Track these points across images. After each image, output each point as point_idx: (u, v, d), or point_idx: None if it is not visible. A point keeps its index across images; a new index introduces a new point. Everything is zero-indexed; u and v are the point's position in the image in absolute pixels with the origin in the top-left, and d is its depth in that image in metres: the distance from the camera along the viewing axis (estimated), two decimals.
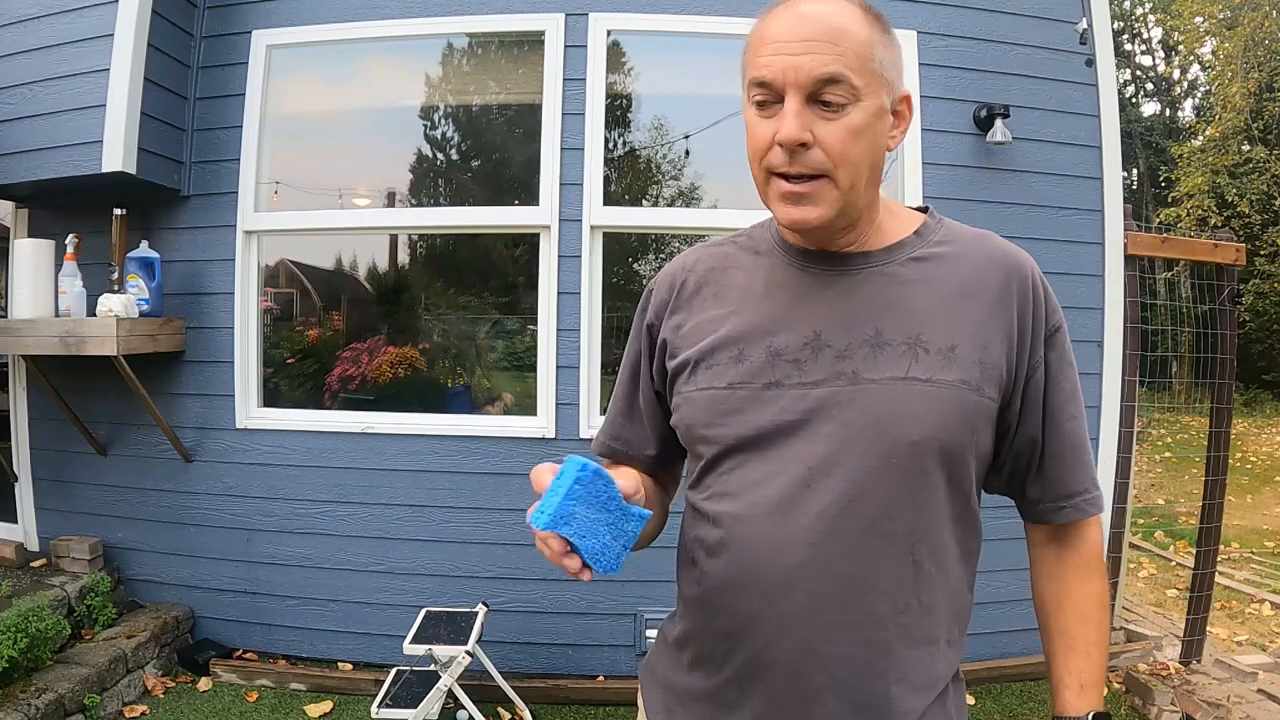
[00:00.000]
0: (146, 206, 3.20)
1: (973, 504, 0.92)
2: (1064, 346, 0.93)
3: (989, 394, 0.88)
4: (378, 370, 3.46)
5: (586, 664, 3.08)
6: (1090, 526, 0.97)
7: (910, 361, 0.86)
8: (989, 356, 0.88)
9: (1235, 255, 3.37)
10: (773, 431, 0.88)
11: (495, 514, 3.08)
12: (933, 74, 3.16)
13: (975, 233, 0.97)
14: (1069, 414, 0.93)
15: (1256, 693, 2.94)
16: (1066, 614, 0.96)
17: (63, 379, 3.25)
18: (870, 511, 0.85)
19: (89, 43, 2.92)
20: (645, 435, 1.06)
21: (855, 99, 0.82)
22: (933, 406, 0.85)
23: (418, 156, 3.69)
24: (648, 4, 3.12)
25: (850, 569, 0.85)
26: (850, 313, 0.90)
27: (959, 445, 0.87)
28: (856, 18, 0.84)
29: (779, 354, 0.90)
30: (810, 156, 0.83)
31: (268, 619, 3.21)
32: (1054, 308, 0.94)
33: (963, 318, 0.89)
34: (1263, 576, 4.78)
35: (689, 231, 3.47)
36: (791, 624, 0.86)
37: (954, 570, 0.91)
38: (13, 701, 2.39)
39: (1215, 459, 3.34)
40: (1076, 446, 0.94)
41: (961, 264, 0.92)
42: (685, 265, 1.04)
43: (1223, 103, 12.92)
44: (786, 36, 0.83)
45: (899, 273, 0.91)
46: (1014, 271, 0.92)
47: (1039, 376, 0.91)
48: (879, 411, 0.85)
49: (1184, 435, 7.85)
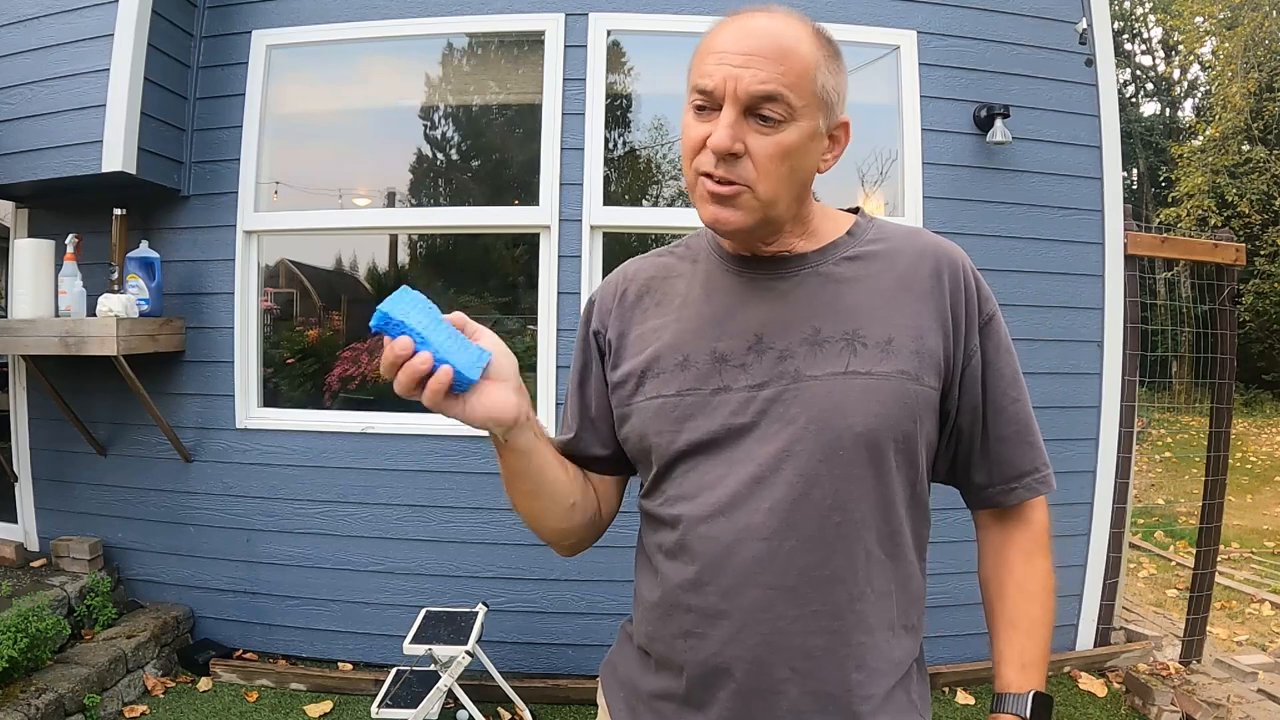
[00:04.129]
0: (146, 206, 3.21)
1: (920, 491, 0.94)
2: (999, 334, 0.96)
3: (928, 383, 0.90)
4: (378, 370, 3.45)
5: (586, 664, 3.08)
6: (1035, 508, 1.00)
7: (849, 356, 0.89)
8: (925, 346, 0.90)
9: (1235, 255, 3.37)
10: (724, 435, 0.90)
11: (495, 514, 3.08)
12: (933, 74, 3.16)
13: (906, 229, 0.99)
14: (1011, 397, 0.95)
15: (1256, 693, 2.95)
16: (1008, 593, 0.98)
17: (63, 379, 3.25)
18: (820, 503, 0.87)
19: (89, 43, 2.92)
20: (593, 438, 1.05)
21: (791, 118, 0.84)
22: (874, 398, 0.87)
23: (418, 156, 3.69)
24: (648, 4, 3.12)
25: (804, 561, 0.87)
26: (789, 313, 0.92)
27: (903, 434, 0.89)
28: (804, 38, 0.86)
29: (724, 358, 0.92)
30: (738, 166, 0.85)
31: (268, 619, 3.21)
32: (986, 297, 0.96)
33: (897, 310, 0.91)
34: (1263, 576, 4.78)
35: (689, 231, 3.46)
36: (751, 619, 0.88)
37: (907, 557, 0.93)
38: (13, 701, 2.39)
39: (1215, 459, 3.34)
40: (1022, 429, 0.96)
41: (894, 259, 0.94)
42: (626, 275, 1.06)
43: (1223, 103, 12.90)
44: (731, 49, 0.84)
45: (833, 272, 0.93)
46: (945, 263, 0.94)
47: (975, 363, 0.94)
48: (822, 406, 0.87)
49: (1184, 435, 7.85)
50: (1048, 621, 0.96)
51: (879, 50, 3.21)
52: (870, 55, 3.22)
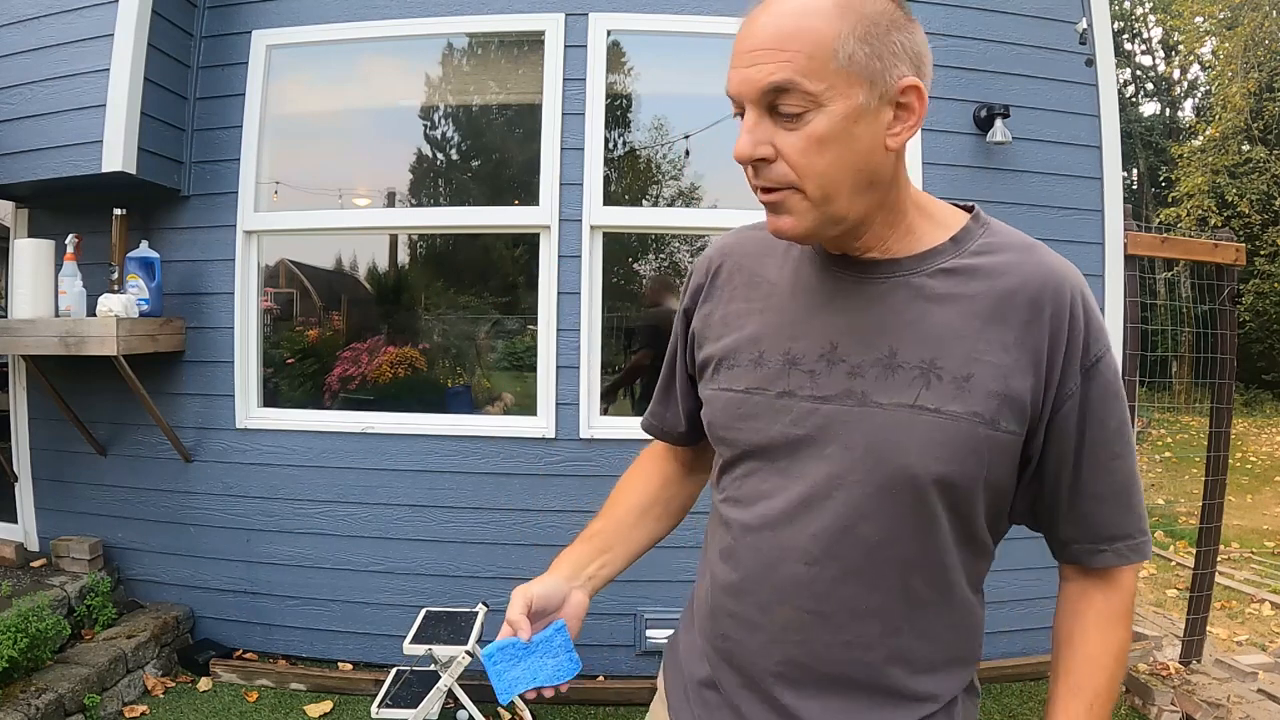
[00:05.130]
0: (146, 206, 3.20)
1: (978, 530, 0.88)
2: (1107, 378, 0.84)
3: (1006, 427, 0.82)
4: (378, 370, 3.46)
5: (586, 664, 3.06)
6: (1126, 573, 0.90)
7: (921, 388, 0.82)
8: (1010, 388, 0.81)
9: (1235, 255, 3.37)
10: (782, 444, 0.88)
11: (495, 514, 3.08)
12: (933, 74, 3.15)
13: (1021, 243, 0.88)
14: (1113, 452, 0.85)
15: (1256, 693, 2.95)
16: (1078, 660, 0.90)
17: (63, 379, 3.25)
18: (868, 539, 0.84)
19: (89, 43, 2.92)
20: (677, 415, 1.10)
21: (816, 105, 0.76)
22: (937, 439, 0.81)
23: (418, 156, 3.69)
24: (648, 4, 3.12)
25: (844, 592, 0.85)
26: (868, 326, 0.85)
27: (963, 479, 0.82)
28: (815, 11, 0.76)
29: (795, 362, 0.88)
30: (773, 170, 0.80)
31: (268, 619, 3.21)
32: (1096, 335, 0.84)
33: (985, 343, 0.82)
34: (1263, 576, 4.78)
35: (689, 231, 3.47)
36: (783, 637, 0.88)
37: (959, 595, 0.89)
38: (13, 701, 2.39)
39: (1215, 459, 3.34)
40: (1120, 489, 0.86)
41: (995, 281, 0.84)
42: (722, 249, 1.02)
43: (1223, 103, 12.89)
44: (741, 48, 0.79)
45: (925, 285, 0.85)
46: (1049, 292, 0.83)
47: (1070, 409, 0.84)
48: (881, 438, 0.82)
49: (1184, 435, 7.86)
50: (1112, 694, 0.89)
51: None
52: None
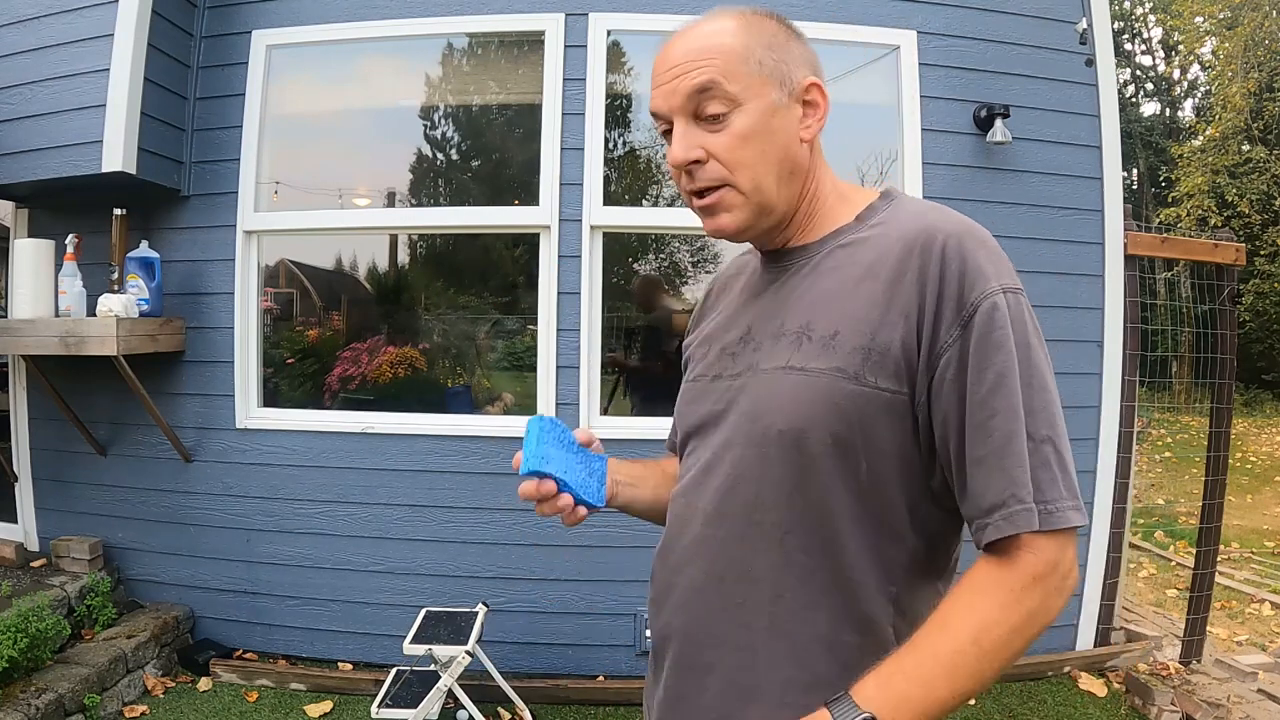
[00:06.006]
0: (146, 206, 3.20)
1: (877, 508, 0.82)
2: (988, 328, 0.77)
3: (876, 383, 0.79)
4: (378, 370, 3.46)
5: (587, 664, 3.08)
6: (1024, 548, 0.76)
7: (793, 351, 0.86)
8: (876, 342, 0.80)
9: (1235, 255, 3.37)
10: (707, 419, 0.95)
11: (495, 514, 3.08)
12: (933, 74, 3.16)
13: (915, 210, 0.87)
14: (990, 409, 0.76)
15: (1256, 693, 2.95)
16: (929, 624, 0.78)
17: (63, 379, 3.25)
18: (745, 499, 0.87)
19: (89, 43, 2.92)
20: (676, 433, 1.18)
21: (735, 104, 0.84)
22: (801, 396, 0.82)
23: (418, 156, 3.69)
24: (648, 4, 3.12)
25: (729, 552, 0.88)
26: (772, 307, 0.93)
27: (834, 437, 0.80)
28: (725, 31, 0.86)
29: (725, 349, 0.97)
30: (706, 170, 0.87)
31: (268, 619, 3.21)
32: (972, 282, 0.78)
33: (854, 301, 0.83)
34: (1263, 576, 4.78)
35: (689, 231, 3.47)
36: (689, 596, 0.92)
37: (850, 573, 0.82)
38: (13, 701, 2.39)
39: (1215, 459, 3.34)
40: (1001, 449, 0.76)
41: (877, 245, 0.85)
42: (714, 278, 1.13)
43: (1223, 103, 12.89)
44: (660, 69, 0.88)
45: (822, 263, 0.90)
46: (919, 244, 0.81)
47: (948, 363, 0.78)
48: (756, 399, 0.88)
49: (1184, 435, 7.85)
50: (953, 669, 0.74)
51: (879, 50, 3.21)
52: (870, 55, 3.23)
